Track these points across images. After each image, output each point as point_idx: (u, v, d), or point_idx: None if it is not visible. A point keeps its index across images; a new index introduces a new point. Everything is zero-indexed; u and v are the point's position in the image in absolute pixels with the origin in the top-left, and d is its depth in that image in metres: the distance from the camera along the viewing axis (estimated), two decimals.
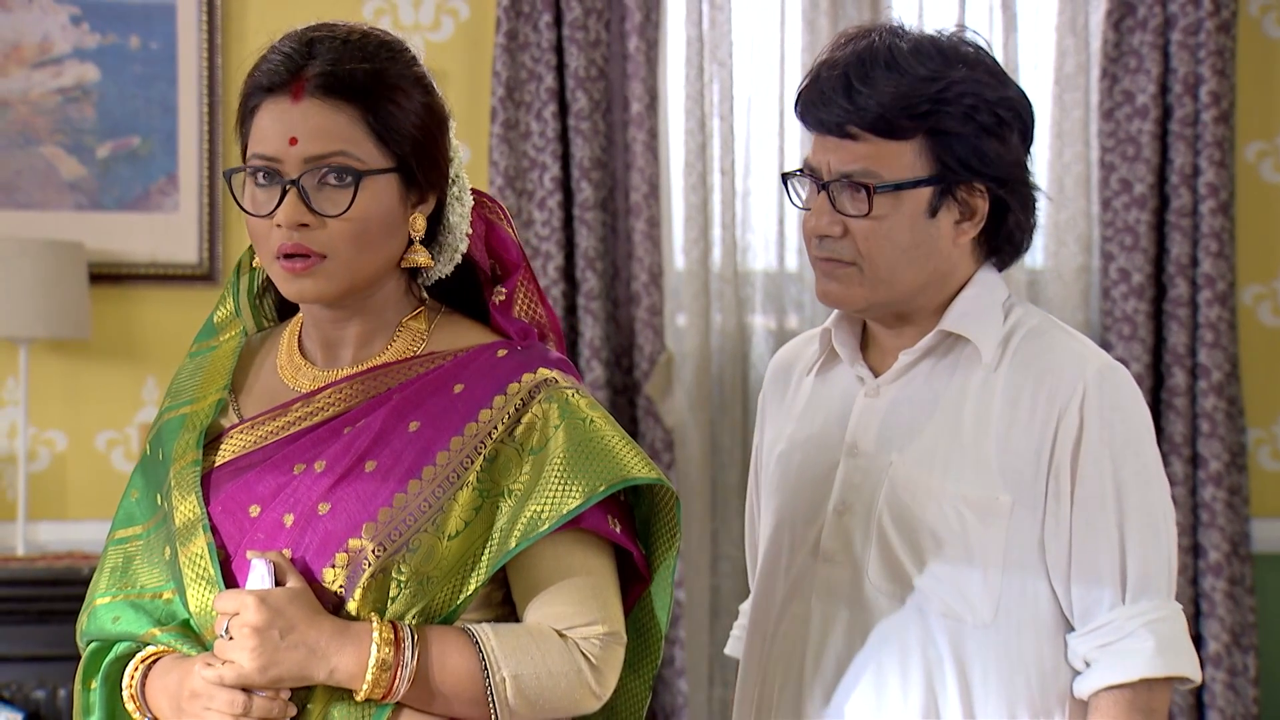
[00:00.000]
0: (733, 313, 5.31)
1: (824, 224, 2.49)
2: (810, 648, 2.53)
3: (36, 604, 4.75)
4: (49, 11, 5.13)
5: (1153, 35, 5.23)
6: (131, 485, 2.37)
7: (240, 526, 2.23)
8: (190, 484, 2.25)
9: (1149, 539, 2.47)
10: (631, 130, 5.19)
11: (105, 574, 2.34)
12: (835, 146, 2.49)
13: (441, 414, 2.22)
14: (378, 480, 2.20)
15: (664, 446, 5.18)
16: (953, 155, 2.47)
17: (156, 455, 2.34)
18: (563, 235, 5.19)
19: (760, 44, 5.36)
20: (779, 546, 2.61)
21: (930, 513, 2.47)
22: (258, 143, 2.21)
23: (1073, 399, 2.46)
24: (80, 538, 5.08)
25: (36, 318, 4.85)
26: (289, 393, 2.29)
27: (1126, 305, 5.25)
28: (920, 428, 2.51)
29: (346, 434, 2.23)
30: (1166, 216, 5.28)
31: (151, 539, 2.31)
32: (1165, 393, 5.26)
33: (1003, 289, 2.57)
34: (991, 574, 2.46)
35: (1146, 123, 5.24)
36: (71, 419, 5.18)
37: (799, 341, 2.75)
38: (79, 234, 5.07)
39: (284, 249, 2.19)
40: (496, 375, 2.24)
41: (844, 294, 2.51)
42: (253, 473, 2.25)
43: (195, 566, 2.23)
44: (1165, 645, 2.44)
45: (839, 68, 2.48)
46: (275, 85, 2.22)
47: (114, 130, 5.15)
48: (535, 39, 5.16)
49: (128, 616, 2.27)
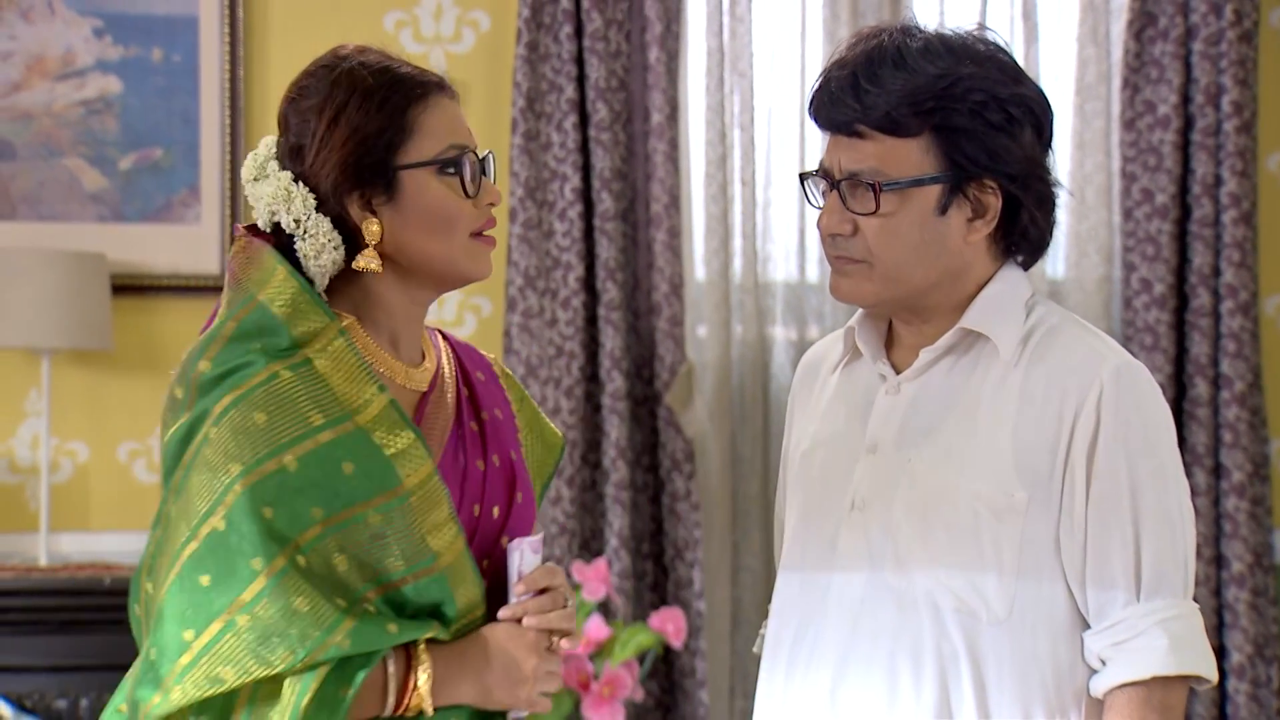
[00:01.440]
0: (753, 323, 5.33)
1: (834, 222, 2.51)
2: (827, 642, 2.54)
3: (59, 614, 4.80)
4: (72, 24, 5.18)
5: (1174, 45, 5.26)
6: (264, 503, 2.25)
7: (470, 524, 2.40)
8: (440, 491, 2.35)
9: (1164, 537, 2.47)
10: (652, 141, 5.22)
11: (314, 596, 2.26)
12: (845, 146, 2.50)
13: (498, 402, 2.53)
14: (522, 467, 2.51)
15: (684, 457, 5.21)
16: (962, 152, 2.47)
17: (321, 471, 2.30)
18: (583, 246, 5.21)
19: (781, 55, 5.39)
20: (800, 543, 2.62)
21: (946, 510, 2.48)
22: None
23: (1089, 396, 2.46)
24: (102, 549, 5.11)
25: (59, 329, 4.89)
26: (408, 392, 2.43)
27: (1148, 315, 5.27)
28: (939, 425, 2.53)
29: (474, 428, 2.47)
30: (1188, 226, 5.30)
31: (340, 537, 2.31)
32: (1187, 403, 5.28)
33: (1026, 287, 2.58)
34: (1007, 571, 2.46)
35: (1168, 133, 5.27)
36: (94, 430, 5.21)
37: (828, 340, 2.76)
38: (101, 245, 5.11)
39: (487, 226, 2.42)
40: (477, 361, 2.56)
41: (854, 290, 2.53)
42: (455, 475, 2.41)
43: (459, 567, 2.36)
44: (1179, 643, 2.44)
45: (848, 67, 2.49)
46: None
47: (136, 142, 5.19)
48: (556, 50, 5.20)
49: (403, 624, 2.31)
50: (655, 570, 5.29)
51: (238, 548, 2.24)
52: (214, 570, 2.24)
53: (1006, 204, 2.52)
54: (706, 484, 5.32)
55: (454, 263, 2.39)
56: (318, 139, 2.35)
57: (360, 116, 2.34)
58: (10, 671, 4.77)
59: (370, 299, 2.41)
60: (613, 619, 4.98)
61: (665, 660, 5.16)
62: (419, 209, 2.37)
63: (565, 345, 5.19)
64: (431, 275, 2.41)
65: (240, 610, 2.23)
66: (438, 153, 2.37)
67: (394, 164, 2.36)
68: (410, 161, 2.36)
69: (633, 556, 5.20)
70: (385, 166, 2.35)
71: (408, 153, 2.36)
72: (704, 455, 5.32)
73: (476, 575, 2.37)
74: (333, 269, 2.38)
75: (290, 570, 2.24)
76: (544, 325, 5.20)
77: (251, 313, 2.33)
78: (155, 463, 5.16)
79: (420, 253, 2.38)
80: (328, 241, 2.35)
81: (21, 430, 5.19)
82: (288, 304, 2.33)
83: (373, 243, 2.36)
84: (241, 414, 2.27)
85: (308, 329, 2.34)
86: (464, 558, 2.35)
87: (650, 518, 5.30)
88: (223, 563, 2.24)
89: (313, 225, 2.35)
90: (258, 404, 2.28)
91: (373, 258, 2.36)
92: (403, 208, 2.37)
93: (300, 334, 2.33)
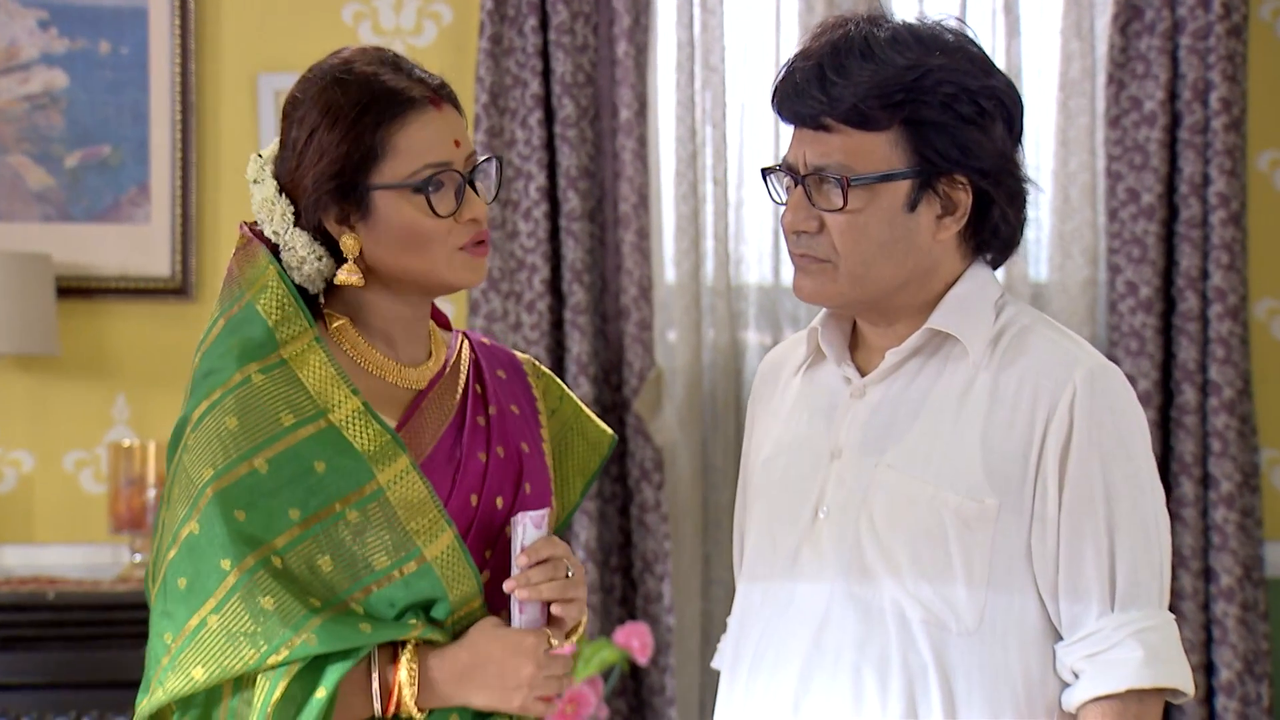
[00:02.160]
0: (725, 328, 5.28)
1: (799, 219, 2.48)
2: (790, 654, 2.51)
3: (1, 630, 4.68)
4: (15, 15, 5.10)
5: (1161, 39, 5.21)
6: (235, 506, 2.34)
7: (466, 515, 2.44)
8: (419, 483, 2.40)
9: (1139, 545, 2.44)
10: (620, 138, 5.16)
11: (282, 595, 2.33)
12: (810, 139, 2.48)
13: (516, 398, 2.58)
14: (536, 459, 2.55)
15: (654, 466, 5.15)
16: (931, 147, 2.45)
17: (292, 471, 2.37)
18: (549, 247, 5.16)
19: (754, 48, 5.34)
20: (762, 552, 2.60)
21: (914, 517, 2.45)
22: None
23: (1062, 399, 2.44)
24: (47, 562, 5.05)
25: (2, 333, 4.83)
26: (401, 390, 2.48)
27: (1134, 319, 5.21)
28: (905, 429, 2.50)
29: (482, 423, 2.51)
30: (1176, 228, 5.26)
31: (308, 545, 2.37)
32: (1175, 410, 5.21)
33: (995, 287, 2.56)
34: (977, 581, 2.43)
35: (1155, 130, 5.22)
36: (39, 438, 5.15)
37: (789, 343, 2.74)
38: (47, 246, 5.05)
39: (474, 239, 2.44)
40: (501, 359, 2.61)
41: (819, 290, 2.50)
42: (448, 467, 2.45)
43: (448, 559, 2.39)
44: (1154, 655, 2.41)
45: (813, 58, 2.47)
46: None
47: (83, 138, 5.13)
48: (520, 43, 5.15)
49: (376, 622, 2.36)
50: (624, 584, 5.25)
51: (209, 550, 2.34)
52: (189, 573, 2.35)
53: (976, 200, 2.50)
54: (676, 494, 5.28)
55: (436, 274, 2.44)
56: (297, 153, 2.43)
57: (332, 137, 2.40)
58: None
59: (363, 304, 2.48)
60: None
61: (634, 677, 5.11)
62: (392, 229, 2.42)
63: (530, 350, 5.12)
64: (415, 286, 2.47)
65: (211, 611, 2.33)
66: (409, 174, 2.41)
67: (365, 184, 2.41)
68: (382, 183, 2.41)
69: (600, 569, 5.16)
70: (357, 186, 2.41)
71: (380, 173, 2.40)
72: (674, 464, 5.28)
73: (471, 566, 2.40)
74: (319, 279, 2.46)
75: (260, 570, 2.32)
76: (508, 329, 5.16)
77: (240, 312, 2.43)
78: (103, 472, 5.07)
79: (399, 268, 2.44)
80: (308, 254, 2.43)
81: None
82: (274, 306, 2.42)
83: (351, 257, 2.43)
84: (214, 420, 2.37)
85: (290, 331, 2.42)
86: (455, 549, 2.39)
87: (618, 529, 5.26)
88: (197, 566, 2.35)
89: (290, 239, 2.44)
90: (229, 409, 2.37)
91: (353, 271, 2.43)
92: (376, 226, 2.42)
93: (283, 336, 2.42)
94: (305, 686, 2.32)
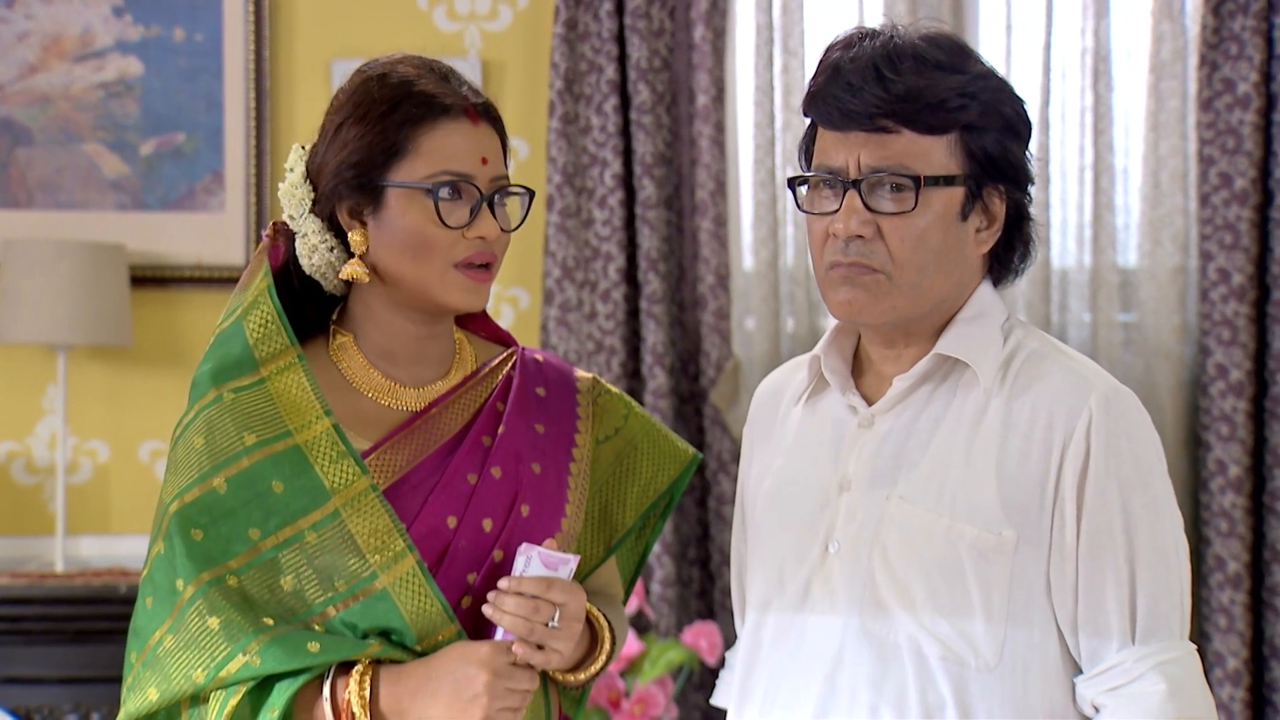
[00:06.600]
0: (804, 316, 5.26)
1: (855, 225, 2.43)
2: (804, 693, 2.49)
3: (73, 623, 4.81)
4: (90, 3, 5.18)
5: (1255, 19, 5.14)
6: (193, 525, 2.42)
7: (441, 537, 2.46)
8: (378, 507, 2.42)
9: (1160, 575, 2.43)
10: (697, 124, 5.17)
11: (230, 614, 2.39)
12: (863, 141, 2.44)
13: (551, 417, 2.60)
14: (549, 482, 2.55)
15: (731, 457, 5.16)
16: (984, 154, 2.45)
17: (251, 491, 2.43)
18: (624, 235, 5.19)
19: (833, 32, 5.21)
20: (769, 588, 2.58)
21: (929, 551, 2.44)
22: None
23: (1078, 425, 2.42)
24: (122, 552, 5.14)
25: (75, 323, 4.90)
26: (392, 412, 2.54)
27: (1226, 308, 5.16)
28: (917, 460, 2.48)
29: (487, 443, 2.53)
30: (1269, 213, 5.19)
31: (265, 567, 2.43)
32: (1269, 401, 5.17)
33: (1001, 309, 2.54)
34: (996, 615, 2.42)
35: (1248, 113, 5.15)
36: (114, 429, 5.23)
37: (786, 369, 2.73)
38: (121, 235, 5.13)
39: (476, 259, 2.48)
40: (549, 376, 2.63)
41: (870, 304, 2.46)
42: (424, 489, 2.48)
43: (407, 584, 2.41)
44: (1178, 689, 2.40)
45: (864, 60, 2.44)
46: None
47: (158, 126, 5.21)
48: (596, 28, 5.17)
49: (327, 641, 2.39)
50: (701, 576, 5.26)
51: (168, 570, 2.43)
52: (154, 593, 2.45)
53: (1005, 214, 2.51)
54: None
55: (428, 288, 2.49)
56: (325, 141, 2.51)
57: (358, 129, 2.47)
58: (20, 683, 4.78)
59: (370, 316, 2.55)
60: (646, 633, 4.92)
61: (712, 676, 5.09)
62: (396, 228, 2.48)
63: (605, 340, 5.15)
64: (410, 298, 2.52)
65: (168, 630, 2.42)
66: (425, 176, 2.46)
67: (382, 180, 2.47)
68: (397, 180, 2.47)
69: (677, 562, 5.17)
70: (374, 181, 2.47)
71: (397, 171, 2.47)
72: None
73: (435, 592, 2.42)
74: (328, 271, 2.53)
75: (210, 589, 2.39)
76: (583, 319, 5.18)
77: (229, 326, 2.51)
78: None
79: (396, 272, 2.50)
80: (320, 242, 2.51)
81: (39, 429, 5.21)
82: (257, 324, 2.49)
83: (358, 252, 2.50)
84: (186, 439, 2.47)
85: (270, 349, 2.49)
86: (416, 574, 2.42)
87: (696, 521, 5.25)
88: (160, 585, 2.44)
89: (303, 225, 2.52)
90: (199, 428, 2.45)
91: (359, 265, 2.50)
92: (384, 224, 2.49)
93: (262, 354, 2.49)
94: (257, 706, 2.38)
